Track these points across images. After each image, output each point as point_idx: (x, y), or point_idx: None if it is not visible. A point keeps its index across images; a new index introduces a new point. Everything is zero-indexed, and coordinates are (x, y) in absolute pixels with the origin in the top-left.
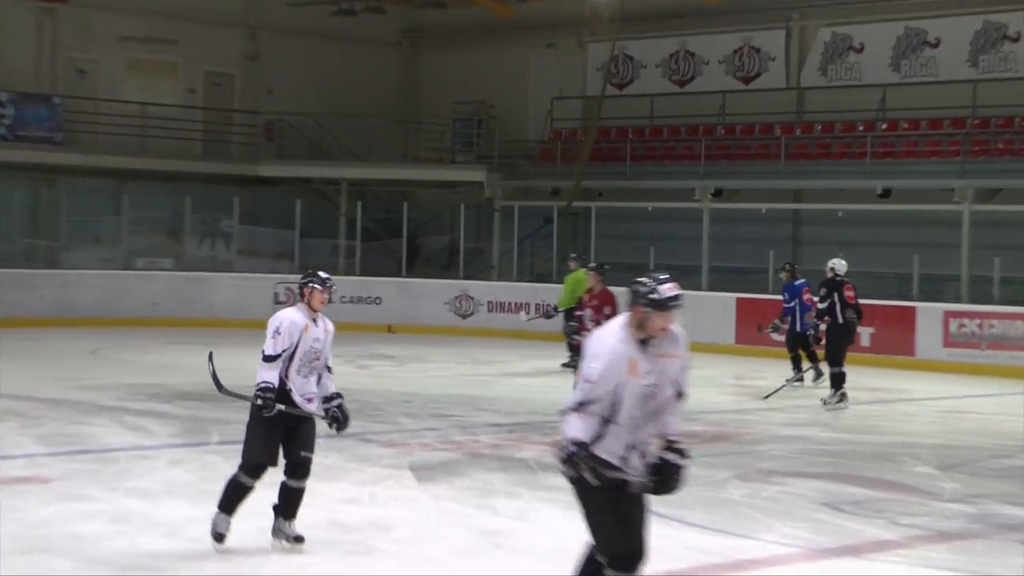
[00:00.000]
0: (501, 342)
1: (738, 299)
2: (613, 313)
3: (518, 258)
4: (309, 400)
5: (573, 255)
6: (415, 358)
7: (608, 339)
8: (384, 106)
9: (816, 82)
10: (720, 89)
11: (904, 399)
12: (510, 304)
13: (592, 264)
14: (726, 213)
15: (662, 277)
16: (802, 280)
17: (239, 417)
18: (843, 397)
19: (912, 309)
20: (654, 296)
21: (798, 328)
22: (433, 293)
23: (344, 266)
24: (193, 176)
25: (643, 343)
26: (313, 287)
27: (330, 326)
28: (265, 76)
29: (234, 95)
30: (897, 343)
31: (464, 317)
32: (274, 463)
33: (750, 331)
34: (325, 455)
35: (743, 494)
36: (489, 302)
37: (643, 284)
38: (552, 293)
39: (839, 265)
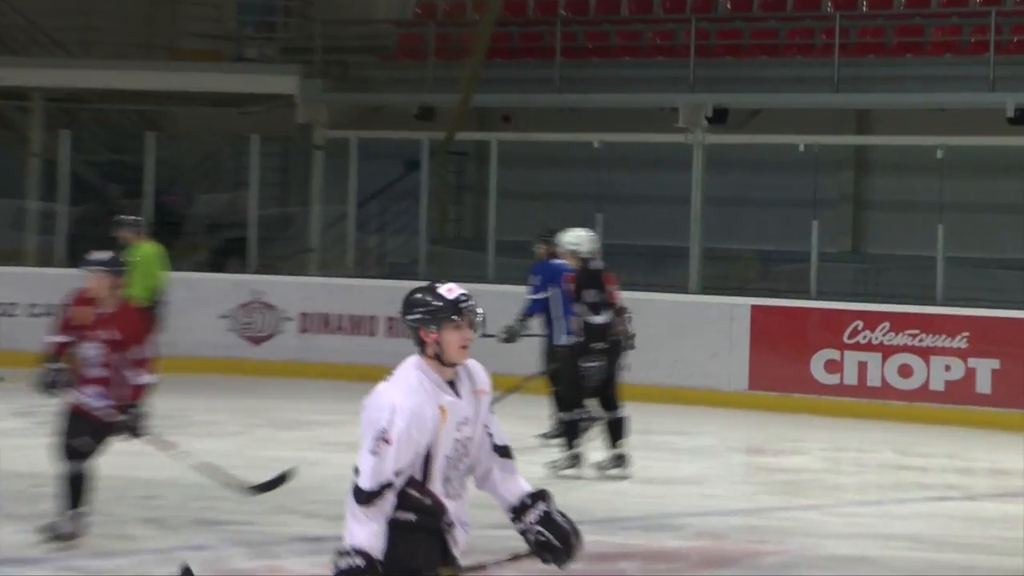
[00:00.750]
0: (324, 386)
1: (755, 308)
2: (142, 346)
3: (356, 233)
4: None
5: (128, 218)
6: (165, 416)
7: None
8: None
9: None
10: None
11: None
12: (340, 318)
13: (95, 257)
14: (734, 153)
15: None
16: (564, 261)
17: None
18: (575, 460)
19: None
20: None
21: (555, 338)
22: (201, 298)
23: (38, 247)
24: None
25: None
26: (445, 321)
27: (481, 380)
28: None
29: None
30: None
31: (257, 342)
32: None
33: (773, 364)
34: None
35: None
36: (303, 315)
37: None
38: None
39: (581, 242)
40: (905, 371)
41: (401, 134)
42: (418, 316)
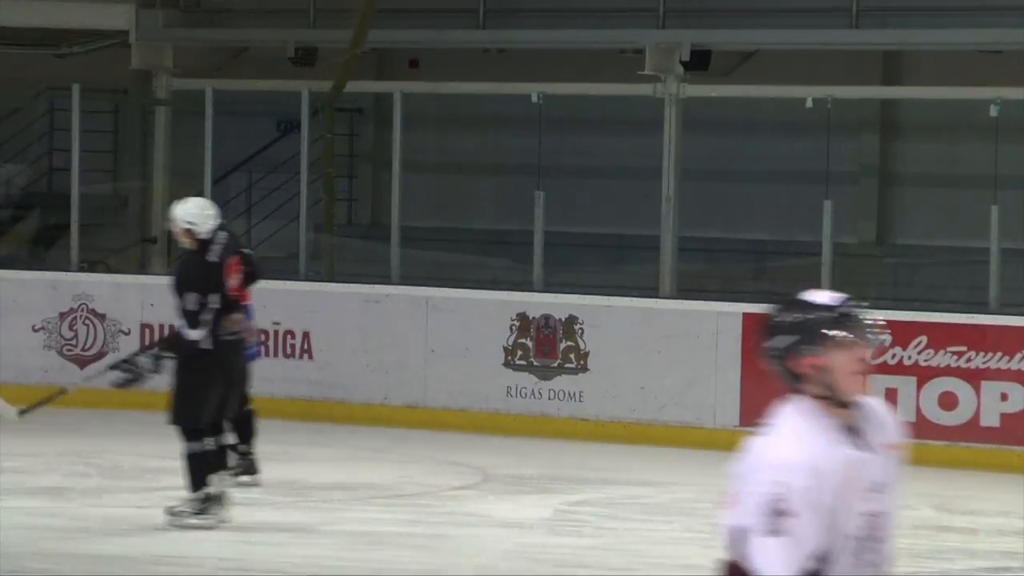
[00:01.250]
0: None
1: (747, 316)
2: None
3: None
4: None
5: None
6: None
7: None
8: None
9: None
10: None
11: None
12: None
13: None
14: (719, 110)
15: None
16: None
17: None
18: (207, 504)
19: None
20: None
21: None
22: (8, 304)
23: None
24: None
25: None
26: (829, 339)
27: (890, 427)
28: None
29: None
30: None
31: (83, 363)
32: None
33: (774, 391)
34: None
35: None
36: (145, 327)
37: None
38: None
39: (197, 217)
40: (948, 401)
41: (272, 84)
42: (790, 339)
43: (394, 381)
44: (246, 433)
